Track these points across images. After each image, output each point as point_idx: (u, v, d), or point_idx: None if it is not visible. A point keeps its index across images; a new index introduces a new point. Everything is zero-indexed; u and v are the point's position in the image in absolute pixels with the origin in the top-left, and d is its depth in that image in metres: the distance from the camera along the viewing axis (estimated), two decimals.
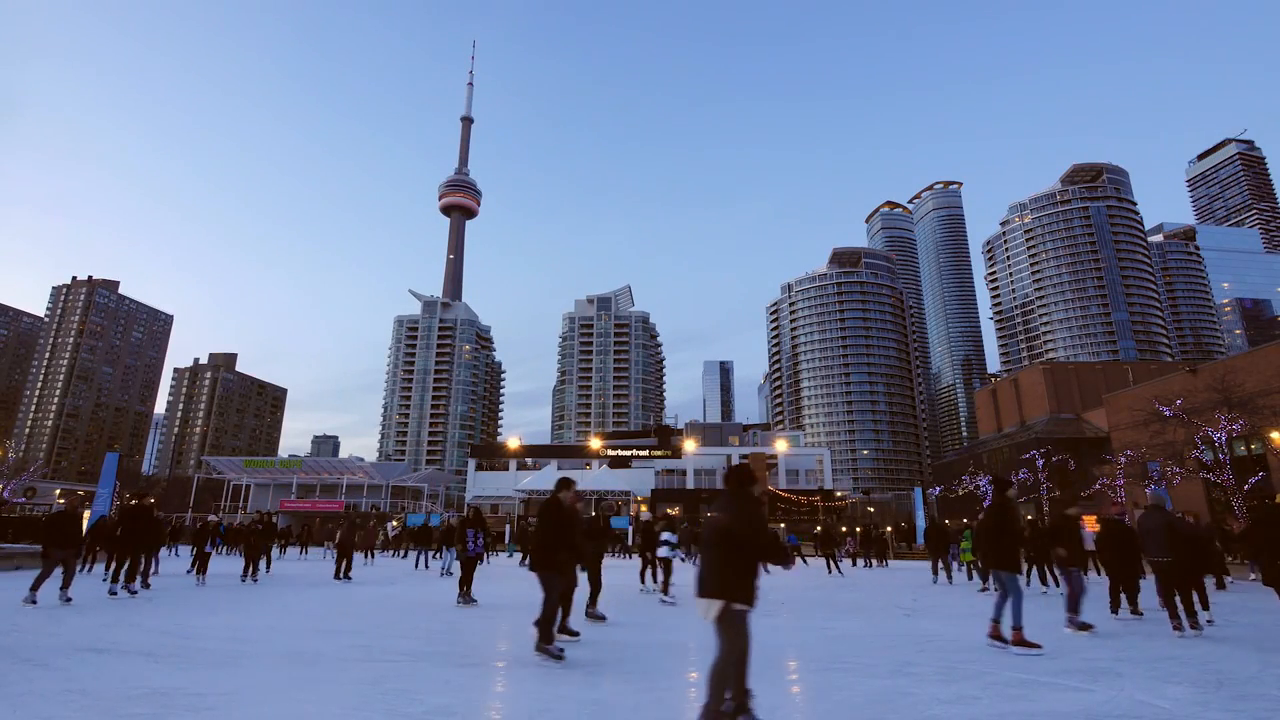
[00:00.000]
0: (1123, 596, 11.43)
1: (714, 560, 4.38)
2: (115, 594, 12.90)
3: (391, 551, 38.60)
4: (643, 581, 15.84)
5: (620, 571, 23.20)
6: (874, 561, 33.13)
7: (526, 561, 28.99)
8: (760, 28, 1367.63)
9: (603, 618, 10.13)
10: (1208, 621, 9.95)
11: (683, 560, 27.55)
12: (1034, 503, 56.17)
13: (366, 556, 29.21)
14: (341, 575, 17.99)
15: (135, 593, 13.14)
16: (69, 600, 11.46)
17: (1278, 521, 8.80)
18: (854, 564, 32.73)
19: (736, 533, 4.37)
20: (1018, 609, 7.86)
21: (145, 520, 13.84)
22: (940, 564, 20.77)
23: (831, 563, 25.88)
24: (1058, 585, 16.68)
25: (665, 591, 13.69)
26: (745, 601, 4.27)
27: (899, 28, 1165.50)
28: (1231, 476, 32.14)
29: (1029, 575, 19.99)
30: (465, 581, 12.62)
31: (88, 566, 19.21)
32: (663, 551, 14.30)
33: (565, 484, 7.93)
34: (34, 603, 10.86)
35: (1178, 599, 9.28)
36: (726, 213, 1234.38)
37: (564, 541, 7.45)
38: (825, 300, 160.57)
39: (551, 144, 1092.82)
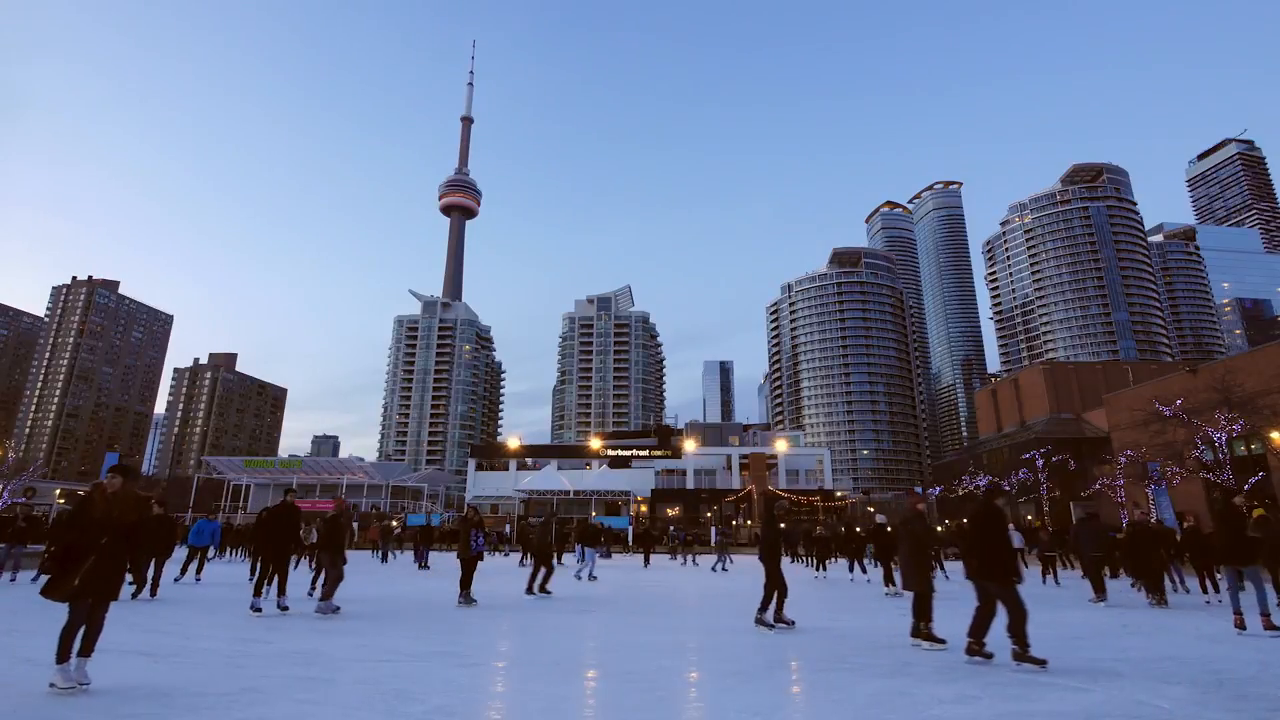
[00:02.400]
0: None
1: None
2: (259, 610, 10.70)
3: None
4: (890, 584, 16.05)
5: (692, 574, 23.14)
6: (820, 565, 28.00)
7: (528, 560, 29.07)
8: (761, 29, 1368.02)
9: (792, 622, 9.62)
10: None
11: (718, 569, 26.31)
12: (1034, 502, 56.15)
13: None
14: (538, 588, 14.52)
15: (286, 608, 11.05)
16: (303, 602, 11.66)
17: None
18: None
19: None
20: (1262, 597, 9.15)
21: (292, 523, 11.94)
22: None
23: (821, 565, 25.94)
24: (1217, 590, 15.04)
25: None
26: None
27: (899, 29, 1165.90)
28: (1231, 476, 32.15)
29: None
30: (465, 582, 12.63)
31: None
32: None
33: (999, 491, 7.74)
34: (335, 610, 10.86)
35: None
36: (727, 213, 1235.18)
37: (1005, 545, 7.12)
38: (825, 300, 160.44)
39: (551, 145, 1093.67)
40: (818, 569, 25.52)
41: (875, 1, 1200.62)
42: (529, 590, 14.44)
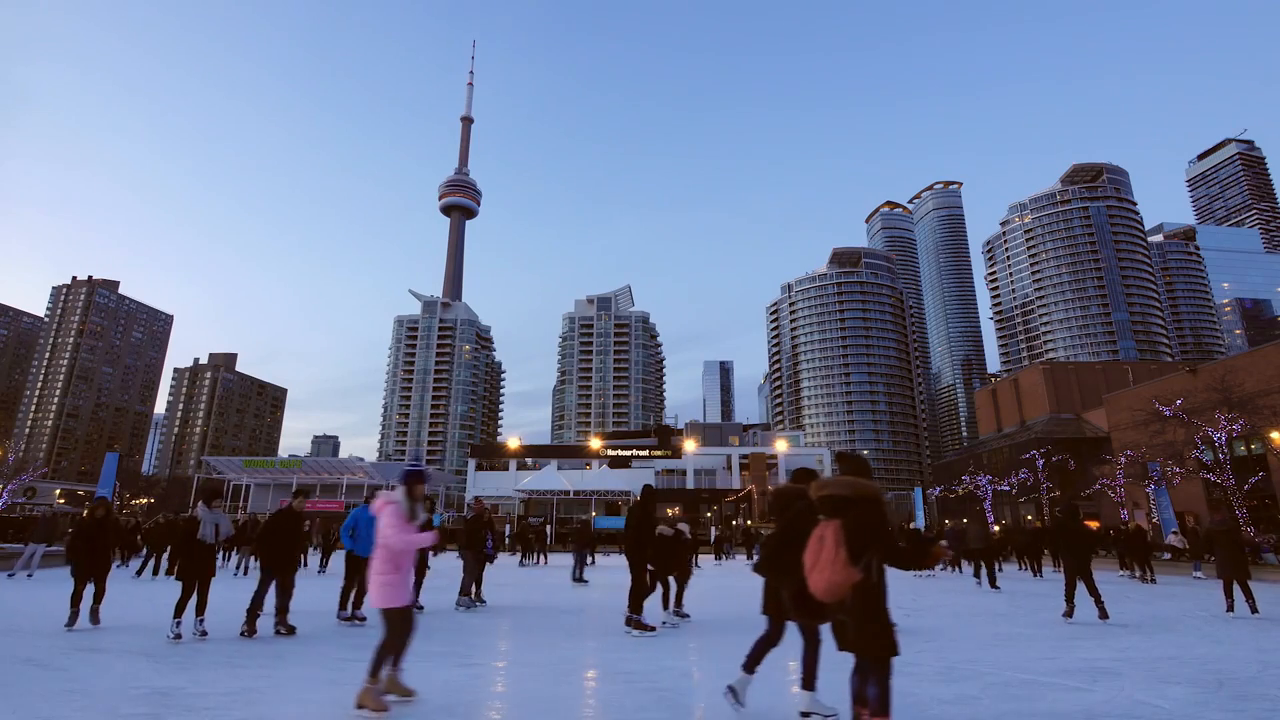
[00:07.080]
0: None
1: None
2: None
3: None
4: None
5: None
6: None
7: (529, 560, 29.03)
8: (762, 31, 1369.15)
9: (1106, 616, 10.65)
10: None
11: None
12: (1034, 502, 56.14)
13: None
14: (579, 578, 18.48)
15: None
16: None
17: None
18: None
19: None
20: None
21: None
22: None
23: None
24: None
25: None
26: None
27: (900, 31, 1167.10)
28: (1231, 476, 32.15)
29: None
30: (466, 587, 12.59)
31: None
32: None
33: None
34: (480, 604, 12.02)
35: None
36: (727, 213, 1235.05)
37: None
38: (825, 300, 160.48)
39: (552, 145, 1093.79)
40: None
41: (876, 4, 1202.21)
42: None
